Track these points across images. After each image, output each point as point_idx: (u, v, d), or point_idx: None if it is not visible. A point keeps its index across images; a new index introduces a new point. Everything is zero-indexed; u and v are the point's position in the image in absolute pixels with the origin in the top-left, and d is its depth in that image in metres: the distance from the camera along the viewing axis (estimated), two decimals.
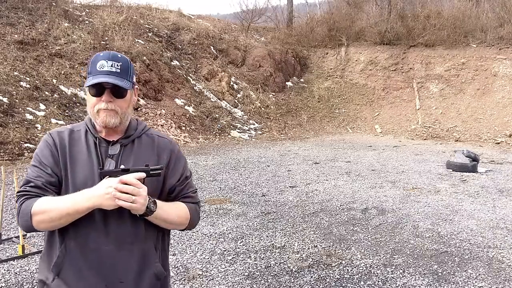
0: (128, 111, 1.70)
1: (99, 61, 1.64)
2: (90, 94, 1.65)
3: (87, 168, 1.62)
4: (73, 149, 1.65)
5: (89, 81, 1.62)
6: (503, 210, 6.72)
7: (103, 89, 1.62)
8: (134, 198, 1.49)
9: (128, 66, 1.68)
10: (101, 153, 1.65)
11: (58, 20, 15.19)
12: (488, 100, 17.23)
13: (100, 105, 1.63)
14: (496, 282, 4.18)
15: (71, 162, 1.63)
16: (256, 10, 26.25)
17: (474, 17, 20.09)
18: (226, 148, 13.18)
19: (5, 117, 10.48)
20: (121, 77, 1.63)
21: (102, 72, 1.61)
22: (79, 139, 1.68)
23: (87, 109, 1.71)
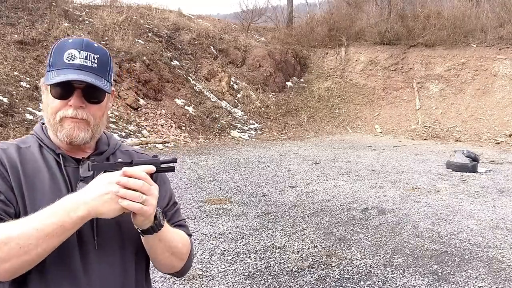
0: (103, 121, 1.28)
1: (67, 50, 1.19)
2: (52, 95, 1.19)
3: (52, 196, 1.13)
4: (28, 172, 1.17)
5: (52, 77, 1.17)
6: (503, 210, 6.72)
7: (72, 89, 1.18)
8: (145, 197, 1.07)
9: (107, 60, 1.26)
10: (68, 175, 1.20)
11: (58, 20, 15.20)
12: (488, 100, 17.23)
13: (66, 111, 1.18)
14: (496, 282, 4.18)
15: (28, 189, 1.15)
16: (256, 10, 26.28)
17: (474, 17, 20.09)
18: (226, 148, 13.18)
19: (5, 117, 10.49)
20: (98, 75, 1.21)
21: (71, 66, 1.18)
22: (32, 158, 1.21)
23: (43, 114, 1.25)
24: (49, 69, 1.22)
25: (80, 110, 1.20)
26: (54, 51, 1.23)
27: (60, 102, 1.20)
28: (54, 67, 1.20)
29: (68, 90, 1.19)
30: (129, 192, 1.05)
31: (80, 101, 1.20)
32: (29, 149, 1.24)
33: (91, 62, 1.21)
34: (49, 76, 1.19)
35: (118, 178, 1.06)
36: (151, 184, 1.10)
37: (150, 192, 1.08)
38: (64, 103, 1.20)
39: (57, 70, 1.19)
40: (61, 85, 1.18)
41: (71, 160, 1.24)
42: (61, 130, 1.20)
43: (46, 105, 1.24)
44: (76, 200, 1.05)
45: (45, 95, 1.24)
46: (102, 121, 1.28)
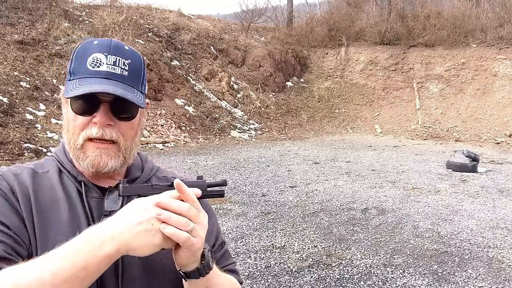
0: (136, 141, 1.05)
1: (92, 54, 0.98)
2: (73, 109, 0.98)
3: (69, 235, 0.89)
4: (41, 203, 0.96)
5: (73, 88, 0.96)
6: (503, 210, 6.72)
7: (98, 103, 0.97)
8: (193, 225, 0.83)
9: (140, 67, 1.04)
10: (90, 208, 0.99)
11: (58, 20, 15.20)
12: (488, 100, 17.23)
13: (90, 130, 0.97)
14: (496, 282, 4.18)
15: (40, 224, 0.94)
16: (256, 10, 26.29)
17: (474, 17, 20.10)
18: (226, 148, 13.18)
19: (5, 117, 10.49)
20: (130, 85, 0.99)
21: (96, 74, 0.96)
22: (49, 186, 1.00)
23: (63, 134, 1.04)
24: (69, 77, 1.00)
25: (108, 129, 0.97)
26: (76, 55, 1.00)
27: (82, 120, 0.98)
28: (75, 75, 0.98)
29: (93, 104, 0.97)
30: (174, 216, 0.80)
31: (108, 118, 0.97)
32: (47, 174, 1.03)
33: (121, 69, 0.99)
34: (69, 87, 0.97)
35: (159, 199, 0.82)
36: (200, 210, 0.86)
37: (198, 219, 0.84)
38: (88, 120, 0.98)
39: (79, 79, 0.97)
40: (84, 97, 0.96)
41: (95, 189, 1.02)
42: (84, 159, 0.98)
43: (66, 123, 1.02)
44: (102, 232, 0.80)
45: (65, 109, 1.02)
46: (134, 142, 1.04)
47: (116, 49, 1.00)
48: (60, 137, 11.27)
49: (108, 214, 0.96)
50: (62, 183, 1.02)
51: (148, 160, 1.16)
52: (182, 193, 0.84)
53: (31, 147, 9.99)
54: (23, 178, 0.99)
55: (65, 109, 1.03)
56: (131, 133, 1.02)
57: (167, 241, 0.81)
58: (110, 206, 0.99)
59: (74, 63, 1.00)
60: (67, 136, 1.02)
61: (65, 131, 1.03)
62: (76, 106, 0.98)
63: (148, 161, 1.16)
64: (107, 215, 0.93)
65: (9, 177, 0.98)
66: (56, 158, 1.07)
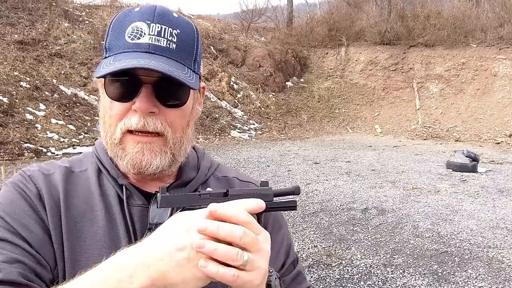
0: (188, 134, 0.86)
1: (131, 24, 0.79)
2: (108, 94, 0.80)
3: (104, 251, 0.77)
4: (74, 211, 0.81)
5: (106, 66, 0.77)
6: (503, 210, 6.72)
7: (138, 84, 0.78)
8: (248, 257, 0.60)
9: (193, 39, 0.84)
10: (132, 219, 0.82)
11: (58, 20, 15.21)
12: (488, 100, 17.24)
13: (129, 120, 0.78)
14: (496, 282, 4.18)
15: (71, 238, 0.78)
16: (256, 10, 26.29)
17: (474, 17, 20.11)
18: (226, 148, 13.18)
19: (5, 117, 10.49)
20: (179, 61, 0.80)
21: (137, 47, 0.78)
22: (85, 189, 0.84)
23: (100, 127, 0.86)
24: (105, 54, 0.82)
25: (151, 118, 0.78)
26: (113, 26, 0.82)
27: (120, 107, 0.79)
28: (111, 50, 0.80)
29: (132, 86, 0.77)
30: (220, 247, 0.58)
31: (150, 103, 0.77)
32: (85, 173, 0.86)
33: (167, 40, 0.79)
34: (101, 66, 0.78)
35: (202, 223, 0.59)
36: (258, 231, 0.63)
37: (256, 246, 0.61)
38: (127, 108, 0.79)
39: (115, 55, 0.78)
40: (119, 77, 0.77)
41: (139, 195, 0.84)
42: (123, 157, 0.80)
43: (102, 112, 0.84)
44: (133, 259, 0.61)
45: (102, 97, 0.84)
46: (186, 135, 0.84)
47: (162, 17, 0.80)
48: (60, 137, 11.20)
49: (154, 227, 0.72)
50: (101, 185, 0.84)
51: (206, 156, 0.96)
52: (224, 219, 0.60)
53: (31, 147, 9.99)
54: (54, 179, 0.83)
55: (102, 96, 0.83)
56: (181, 124, 0.82)
57: (219, 274, 0.59)
58: (156, 217, 0.76)
59: (110, 36, 0.81)
60: (103, 129, 0.84)
61: (102, 123, 0.84)
62: (111, 90, 0.78)
63: (206, 157, 0.96)
64: (152, 229, 0.71)
65: (38, 179, 0.82)
66: (96, 155, 0.89)
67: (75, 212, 0.81)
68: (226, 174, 0.97)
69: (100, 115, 0.85)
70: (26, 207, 0.78)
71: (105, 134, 0.83)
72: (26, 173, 0.84)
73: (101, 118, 0.85)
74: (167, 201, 0.67)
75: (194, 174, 0.91)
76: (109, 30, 0.82)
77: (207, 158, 0.97)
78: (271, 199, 0.70)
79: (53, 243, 0.77)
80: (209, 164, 0.95)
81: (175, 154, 0.83)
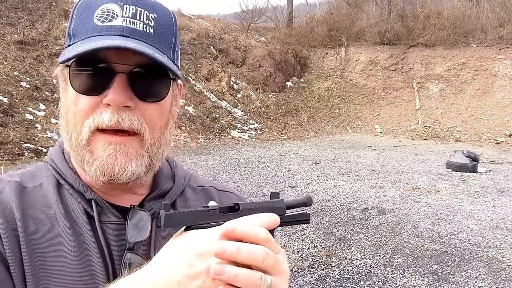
0: (166, 135, 0.74)
1: (101, 6, 0.68)
2: (74, 87, 0.67)
3: (76, 277, 0.66)
4: (33, 234, 0.67)
5: (72, 48, 0.66)
6: (503, 210, 6.72)
7: (111, 74, 0.66)
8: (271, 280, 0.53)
9: (171, 26, 0.73)
10: (107, 240, 0.70)
11: (58, 20, 15.21)
12: (488, 100, 17.24)
13: (100, 117, 0.66)
14: (496, 282, 4.18)
15: (34, 269, 0.65)
16: (256, 10, 26.30)
17: (474, 17, 20.11)
18: (226, 148, 13.18)
19: (5, 117, 10.49)
20: (158, 47, 0.69)
21: (108, 30, 0.66)
22: (43, 207, 0.70)
23: (61, 130, 0.73)
24: (68, 42, 0.69)
25: (126, 114, 0.66)
26: (78, 10, 0.70)
27: (88, 102, 0.66)
28: (76, 37, 0.68)
29: (103, 75, 0.65)
30: (242, 273, 0.51)
31: (126, 96, 0.66)
32: (40, 189, 0.72)
33: (143, 24, 0.68)
34: (65, 53, 0.67)
35: (220, 245, 0.51)
36: (277, 250, 0.55)
37: (278, 267, 0.54)
38: (95, 102, 0.66)
39: (82, 40, 0.66)
40: (88, 64, 0.65)
41: (112, 210, 0.72)
42: (90, 162, 0.67)
43: (64, 111, 0.71)
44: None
45: (63, 93, 0.71)
46: (164, 137, 0.73)
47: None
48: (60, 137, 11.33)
49: (132, 247, 0.66)
50: (63, 202, 0.71)
51: (178, 164, 0.85)
52: (243, 238, 0.52)
53: (31, 147, 9.99)
54: (6, 197, 0.68)
55: (63, 92, 0.71)
56: (159, 121, 0.71)
57: None
58: (135, 235, 0.67)
59: (75, 21, 0.69)
60: (65, 130, 0.70)
61: (63, 125, 0.71)
62: (77, 82, 0.66)
63: (179, 167, 0.85)
64: (131, 249, 0.65)
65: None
66: (53, 166, 0.75)
67: (35, 236, 0.66)
68: (202, 183, 0.87)
69: (61, 114, 0.71)
70: None
71: (69, 136, 0.69)
72: None
73: (62, 117, 0.71)
74: (171, 220, 0.56)
75: (171, 185, 0.80)
76: (73, 15, 0.70)
77: (180, 167, 0.86)
78: (284, 213, 0.63)
79: (12, 275, 0.63)
80: (183, 174, 0.85)
81: (152, 157, 0.71)
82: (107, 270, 0.67)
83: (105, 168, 0.66)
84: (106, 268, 0.67)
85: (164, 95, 0.70)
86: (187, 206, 0.80)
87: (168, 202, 0.58)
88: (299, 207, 0.66)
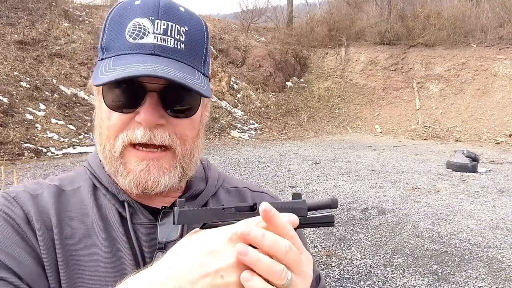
0: (198, 145, 0.76)
1: (132, 20, 0.69)
2: (107, 103, 0.69)
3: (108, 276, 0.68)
4: (70, 236, 0.70)
5: (106, 72, 0.66)
6: (503, 210, 6.72)
7: (143, 92, 0.68)
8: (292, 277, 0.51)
9: (203, 37, 0.74)
10: (138, 239, 0.72)
11: (58, 20, 15.21)
12: (488, 100, 17.24)
13: (133, 133, 0.68)
14: (496, 282, 4.18)
15: (69, 267, 0.67)
16: (256, 10, 26.29)
17: (474, 17, 20.10)
18: (226, 148, 13.18)
19: (5, 117, 10.49)
20: (188, 64, 0.71)
21: (140, 48, 0.68)
22: (79, 209, 0.73)
23: (95, 137, 0.76)
24: (101, 55, 0.71)
25: (158, 131, 0.68)
26: (110, 22, 0.70)
27: (121, 118, 0.68)
28: (109, 51, 0.69)
29: (135, 94, 0.67)
30: (264, 259, 0.50)
31: (157, 114, 0.67)
32: (77, 192, 0.75)
33: (175, 40, 0.69)
34: (99, 70, 0.68)
35: (246, 226, 0.51)
36: (302, 251, 0.54)
37: (300, 267, 0.53)
38: (128, 119, 0.68)
39: (115, 57, 0.68)
40: (121, 85, 0.66)
41: (144, 211, 0.74)
42: (124, 174, 0.70)
43: (98, 122, 0.73)
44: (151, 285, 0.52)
45: (97, 102, 0.73)
46: (196, 146, 0.75)
47: (168, 12, 0.69)
48: (60, 137, 11.14)
49: (164, 247, 0.67)
50: (98, 204, 0.73)
51: (212, 166, 0.86)
52: (273, 224, 0.52)
53: (31, 147, 9.99)
54: (44, 201, 0.71)
55: (97, 101, 0.73)
56: (191, 134, 0.72)
57: None
58: (166, 235, 0.68)
59: (108, 34, 0.70)
60: (99, 141, 0.72)
61: (97, 134, 0.73)
62: (110, 98, 0.67)
63: (212, 168, 0.86)
64: (163, 249, 0.66)
65: (24, 201, 0.70)
66: (90, 170, 0.77)
67: (70, 238, 0.69)
68: (235, 184, 0.88)
69: (96, 125, 0.74)
70: (13, 234, 0.65)
71: (102, 147, 0.71)
72: (10, 194, 0.71)
73: (96, 128, 0.74)
74: (185, 217, 0.57)
75: (203, 186, 0.81)
76: (105, 27, 0.71)
77: (213, 168, 0.87)
78: (305, 214, 0.61)
79: (47, 275, 0.65)
80: (217, 175, 0.86)
81: (185, 168, 0.72)
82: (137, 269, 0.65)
83: (139, 181, 0.69)
84: (137, 267, 0.68)
85: (195, 111, 0.72)
86: None
87: (183, 200, 0.57)
88: (322, 209, 0.64)
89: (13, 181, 6.06)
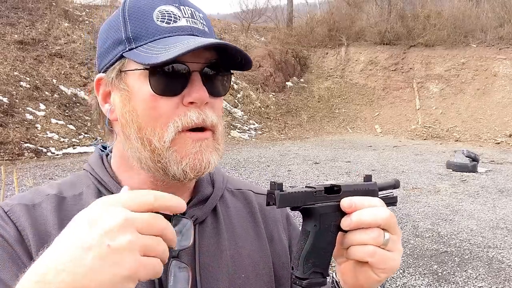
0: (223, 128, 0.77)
1: (156, 8, 0.69)
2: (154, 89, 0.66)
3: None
4: None
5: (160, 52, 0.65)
6: (503, 210, 6.71)
7: (188, 73, 0.67)
8: (390, 237, 0.67)
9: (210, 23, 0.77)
10: None
11: (58, 20, 15.21)
12: (488, 100, 17.24)
13: (185, 117, 0.67)
14: (496, 282, 4.18)
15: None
16: (256, 10, 26.30)
17: (474, 17, 20.11)
18: (226, 148, 13.13)
19: (5, 117, 10.49)
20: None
21: (178, 30, 0.68)
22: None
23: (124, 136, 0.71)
24: (127, 46, 0.68)
25: (208, 110, 0.69)
26: (130, 14, 0.70)
27: (168, 102, 0.66)
28: (140, 39, 0.67)
29: (183, 74, 0.66)
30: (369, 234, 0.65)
31: (205, 92, 0.68)
32: (79, 199, 0.72)
33: (201, 23, 0.72)
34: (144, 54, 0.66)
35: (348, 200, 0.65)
36: (395, 232, 0.68)
37: (397, 229, 0.68)
38: (177, 103, 0.67)
39: (154, 41, 0.67)
40: (167, 68, 0.65)
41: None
42: (178, 161, 0.67)
43: (132, 117, 0.68)
44: (32, 275, 0.47)
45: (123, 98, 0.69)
46: (223, 128, 0.75)
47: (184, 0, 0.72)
48: (60, 137, 11.08)
49: (177, 255, 0.61)
50: None
51: (216, 168, 0.79)
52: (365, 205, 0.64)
53: (31, 147, 9.99)
54: (42, 212, 0.67)
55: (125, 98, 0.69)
56: (221, 114, 0.74)
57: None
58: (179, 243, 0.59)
59: (131, 24, 0.68)
60: (137, 137, 0.68)
61: (132, 132, 0.68)
62: (158, 83, 0.65)
63: (216, 170, 0.82)
64: (176, 256, 0.60)
65: (19, 216, 0.65)
66: (93, 174, 0.74)
67: None
68: (239, 186, 0.87)
69: (124, 122, 0.68)
70: (4, 256, 0.61)
71: (144, 142, 0.67)
72: (4, 208, 0.66)
73: (127, 125, 0.68)
74: (285, 200, 0.59)
75: (211, 189, 0.79)
76: (125, 19, 0.69)
77: (217, 170, 0.83)
78: (377, 195, 0.69)
79: None
80: (221, 177, 0.84)
81: (221, 150, 0.73)
82: (153, 280, 0.64)
83: (195, 164, 0.68)
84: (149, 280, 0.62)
85: (228, 89, 0.75)
86: (227, 211, 0.81)
87: (281, 182, 0.60)
88: (388, 189, 0.71)
89: (13, 181, 6.06)
